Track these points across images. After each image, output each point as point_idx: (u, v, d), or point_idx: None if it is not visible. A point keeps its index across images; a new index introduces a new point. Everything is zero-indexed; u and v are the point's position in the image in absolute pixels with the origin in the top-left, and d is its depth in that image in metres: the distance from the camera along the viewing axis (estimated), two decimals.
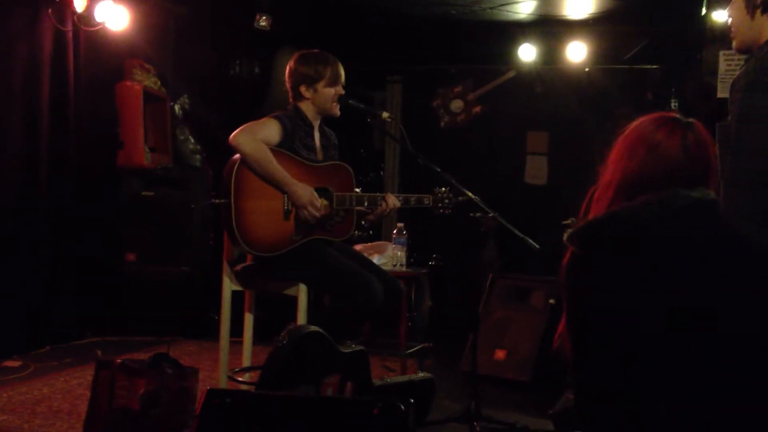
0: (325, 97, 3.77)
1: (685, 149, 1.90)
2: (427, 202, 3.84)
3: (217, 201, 3.60)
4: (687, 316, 1.79)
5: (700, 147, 1.92)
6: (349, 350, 3.21)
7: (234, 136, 3.54)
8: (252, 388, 3.53)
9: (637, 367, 1.80)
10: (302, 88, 3.77)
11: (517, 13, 6.91)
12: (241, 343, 4.00)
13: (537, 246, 3.61)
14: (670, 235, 1.84)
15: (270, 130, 3.62)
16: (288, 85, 3.83)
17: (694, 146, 1.91)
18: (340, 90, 3.80)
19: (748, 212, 2.54)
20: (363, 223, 4.20)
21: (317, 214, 3.62)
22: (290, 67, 3.82)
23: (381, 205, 3.78)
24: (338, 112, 3.83)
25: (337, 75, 3.79)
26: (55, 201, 5.57)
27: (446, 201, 3.84)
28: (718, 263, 1.84)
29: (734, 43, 2.83)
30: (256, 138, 3.54)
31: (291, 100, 3.85)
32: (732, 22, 2.81)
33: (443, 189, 3.85)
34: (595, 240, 1.89)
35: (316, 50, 3.85)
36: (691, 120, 1.95)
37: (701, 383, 1.77)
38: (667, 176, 1.89)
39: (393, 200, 3.79)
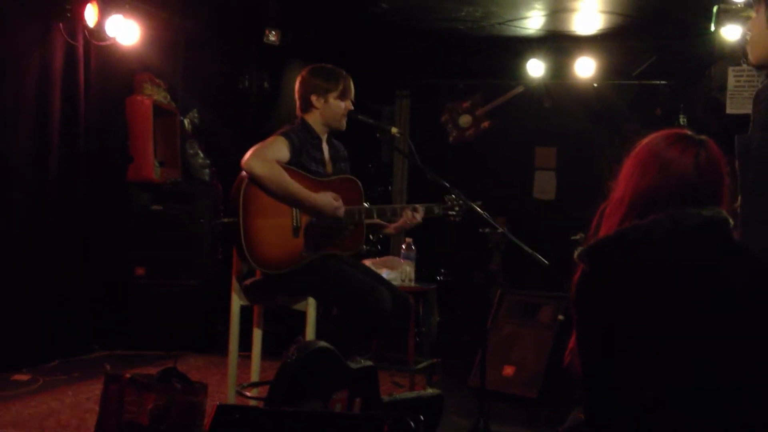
0: (334, 109, 3.78)
1: (697, 167, 1.90)
2: (438, 210, 3.84)
3: (226, 220, 3.60)
4: (697, 334, 1.78)
5: (713, 165, 1.92)
6: (358, 366, 3.20)
7: (246, 161, 3.53)
8: (260, 404, 3.52)
9: (648, 385, 1.79)
10: (313, 98, 3.78)
11: (526, 28, 6.93)
12: (249, 357, 4.00)
13: (546, 262, 3.60)
14: (681, 254, 1.84)
15: (279, 148, 3.62)
16: (298, 94, 3.84)
17: (706, 164, 1.91)
18: (350, 105, 3.81)
19: None
20: (371, 237, 4.21)
21: (342, 213, 3.63)
22: (302, 77, 3.83)
23: (403, 216, 3.78)
24: (344, 126, 3.85)
25: (348, 89, 3.81)
26: (65, 215, 5.59)
27: (456, 209, 3.84)
28: (728, 282, 1.84)
29: (751, 57, 2.80)
30: (267, 159, 3.55)
31: (299, 112, 3.85)
32: (752, 36, 2.79)
33: (453, 196, 3.85)
34: (606, 258, 1.89)
35: (329, 65, 3.88)
36: (703, 137, 1.95)
37: (714, 402, 1.76)
38: (679, 194, 1.89)
39: (417, 214, 3.78)
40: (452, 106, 8.32)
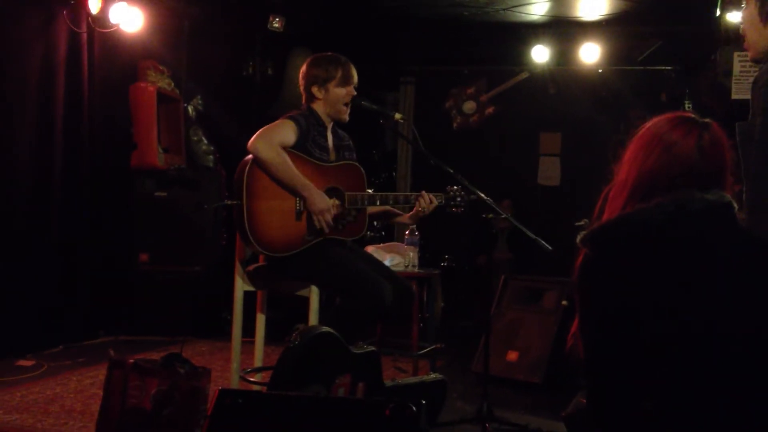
0: (336, 97, 3.78)
1: (700, 149, 1.89)
2: (439, 200, 3.83)
3: (229, 202, 3.61)
4: (701, 318, 1.78)
5: (716, 148, 1.91)
6: (361, 351, 3.21)
7: (252, 142, 3.54)
8: (263, 389, 3.53)
9: (650, 369, 1.79)
10: (314, 89, 3.79)
11: (530, 14, 6.90)
12: (252, 343, 4.01)
13: (549, 247, 3.60)
14: (685, 238, 1.83)
15: (286, 132, 3.62)
16: (301, 87, 3.86)
17: (709, 147, 1.90)
18: (352, 91, 3.80)
19: None
20: (375, 224, 4.20)
21: (330, 222, 3.62)
22: (303, 70, 3.85)
23: (416, 205, 3.78)
24: (347, 118, 3.84)
25: (349, 76, 3.79)
26: (69, 201, 5.60)
27: (458, 200, 3.84)
28: (732, 266, 1.83)
29: (750, 53, 2.79)
30: (273, 143, 3.55)
31: (304, 102, 3.86)
32: (744, 28, 2.78)
33: (455, 187, 3.84)
34: (609, 242, 1.89)
35: (329, 53, 3.87)
36: (707, 120, 1.94)
37: (715, 385, 1.76)
38: (682, 176, 1.88)
39: (429, 198, 3.77)
40: (457, 92, 8.32)
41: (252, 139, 3.56)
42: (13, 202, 5.16)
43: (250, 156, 3.57)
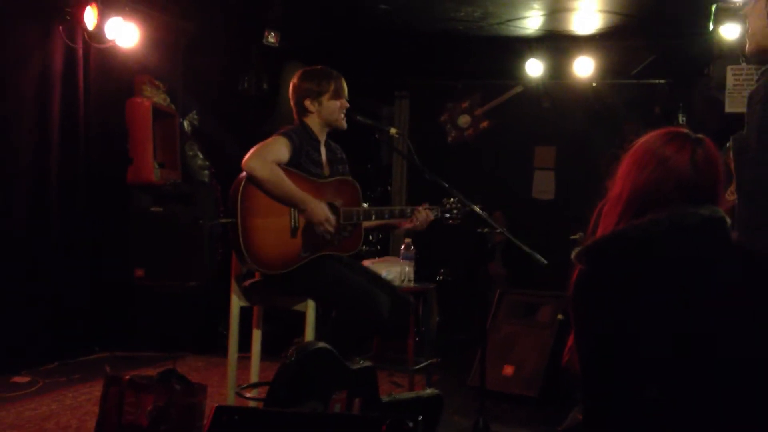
0: (330, 109, 3.79)
1: (694, 165, 1.90)
2: (435, 213, 3.83)
3: (224, 220, 3.61)
4: (695, 334, 1.78)
5: (709, 163, 1.92)
6: (357, 366, 3.21)
7: (246, 162, 3.53)
8: (260, 405, 3.52)
9: (646, 384, 1.80)
10: (307, 102, 3.79)
11: (525, 28, 6.94)
12: (249, 358, 4.01)
13: (545, 261, 3.60)
14: (679, 253, 1.84)
15: (280, 149, 3.63)
16: (292, 101, 3.85)
17: (703, 162, 1.91)
18: (345, 103, 3.82)
19: None
20: (371, 237, 4.21)
21: (332, 230, 3.63)
22: (294, 84, 3.84)
23: (417, 217, 3.77)
24: (345, 125, 3.85)
25: (341, 88, 3.81)
26: (65, 216, 5.59)
27: (455, 212, 3.84)
28: (726, 280, 1.84)
29: (747, 48, 2.78)
30: (268, 161, 3.55)
31: (296, 116, 3.86)
32: (750, 27, 2.77)
33: (452, 199, 3.84)
34: (604, 258, 1.89)
35: (318, 66, 3.88)
36: (700, 136, 1.95)
37: (710, 401, 1.76)
38: (676, 191, 1.89)
39: (425, 212, 3.77)
40: (451, 106, 8.34)
41: (246, 157, 3.55)
42: (9, 217, 5.15)
43: (244, 174, 3.57)
